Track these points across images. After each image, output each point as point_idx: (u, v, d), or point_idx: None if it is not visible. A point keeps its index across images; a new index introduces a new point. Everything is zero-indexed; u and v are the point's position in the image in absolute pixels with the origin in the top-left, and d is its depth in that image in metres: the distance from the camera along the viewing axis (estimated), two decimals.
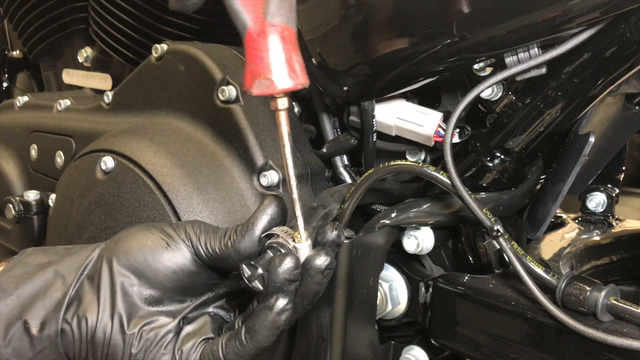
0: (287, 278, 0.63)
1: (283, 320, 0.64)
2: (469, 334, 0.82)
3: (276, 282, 0.63)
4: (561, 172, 0.87)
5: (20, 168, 1.39)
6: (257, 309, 0.65)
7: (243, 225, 0.68)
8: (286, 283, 0.63)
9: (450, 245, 0.96)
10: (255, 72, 0.60)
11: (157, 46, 1.04)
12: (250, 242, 0.67)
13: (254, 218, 0.68)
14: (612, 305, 0.69)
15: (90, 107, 1.22)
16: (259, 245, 0.67)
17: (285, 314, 0.64)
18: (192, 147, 0.97)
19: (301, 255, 0.65)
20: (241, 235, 0.67)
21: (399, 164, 0.79)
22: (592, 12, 0.66)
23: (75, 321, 0.67)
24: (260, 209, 0.68)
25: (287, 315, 0.64)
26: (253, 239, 0.67)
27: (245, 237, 0.67)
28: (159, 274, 0.68)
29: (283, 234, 0.66)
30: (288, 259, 0.63)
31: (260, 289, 0.64)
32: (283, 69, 0.60)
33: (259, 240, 0.67)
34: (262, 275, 0.63)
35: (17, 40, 1.60)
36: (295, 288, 0.64)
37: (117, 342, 0.67)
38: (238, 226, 0.69)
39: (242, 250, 0.67)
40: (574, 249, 0.91)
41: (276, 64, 0.60)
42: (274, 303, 0.63)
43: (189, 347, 0.67)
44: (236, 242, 0.67)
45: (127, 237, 0.71)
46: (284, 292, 0.63)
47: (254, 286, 0.63)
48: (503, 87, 0.81)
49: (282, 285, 0.63)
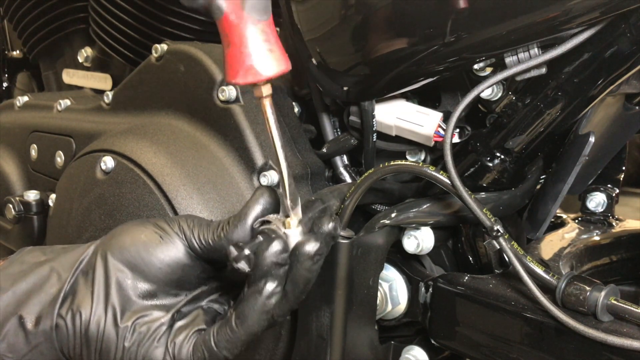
0: (274, 261, 0.63)
1: (272, 304, 0.64)
2: (469, 334, 0.82)
3: (263, 265, 0.63)
4: (561, 172, 0.87)
5: (20, 168, 1.39)
6: (246, 293, 0.65)
7: (235, 216, 0.69)
8: (274, 267, 0.63)
9: (450, 245, 0.96)
10: (238, 61, 0.61)
11: (157, 46, 1.04)
12: (243, 232, 0.67)
13: (246, 208, 0.68)
14: (612, 305, 0.69)
15: (90, 107, 1.22)
16: (251, 235, 0.67)
17: (274, 297, 0.64)
18: (192, 147, 0.97)
19: (291, 241, 0.65)
20: (234, 225, 0.68)
21: (399, 164, 0.79)
22: (592, 12, 0.66)
23: (69, 316, 0.67)
24: (252, 199, 0.69)
25: (276, 299, 0.64)
26: (245, 229, 0.67)
27: (237, 227, 0.67)
28: (152, 267, 0.69)
29: (275, 221, 0.67)
30: (275, 242, 0.63)
31: (246, 269, 0.64)
32: (266, 56, 0.61)
33: (251, 230, 0.67)
34: (248, 256, 0.63)
35: (17, 40, 1.60)
36: (284, 273, 0.65)
37: (110, 335, 0.67)
38: (230, 217, 0.69)
39: (235, 240, 0.67)
40: (574, 249, 0.91)
41: (258, 52, 0.61)
42: (262, 287, 0.64)
43: (181, 339, 0.67)
44: (229, 232, 0.68)
45: (121, 232, 0.71)
46: (272, 276, 0.64)
47: (240, 267, 0.64)
48: (503, 87, 0.81)
49: (270, 268, 0.63)
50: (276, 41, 0.62)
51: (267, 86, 0.64)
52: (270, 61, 0.61)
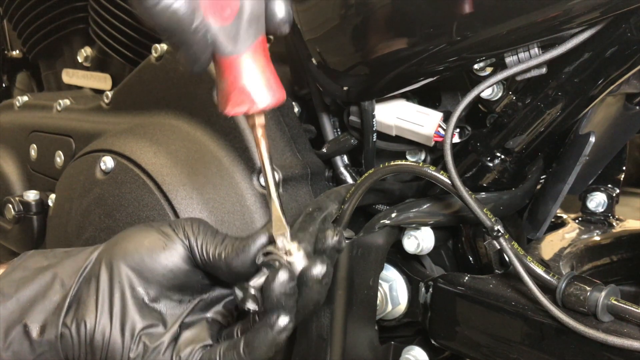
0: (283, 292, 0.61)
1: (283, 339, 0.63)
2: (469, 334, 0.82)
3: (272, 297, 0.61)
4: (561, 172, 0.87)
5: (19, 168, 1.39)
6: (257, 324, 0.63)
7: (239, 243, 0.67)
8: (283, 298, 0.62)
9: (451, 245, 0.95)
10: (230, 91, 0.59)
11: (157, 46, 1.04)
12: (242, 263, 0.66)
13: (251, 240, 0.67)
14: (612, 305, 0.69)
15: (90, 107, 1.22)
16: (252, 267, 0.66)
17: (285, 332, 0.62)
18: (192, 147, 0.96)
19: (296, 267, 0.63)
20: (235, 253, 0.67)
21: (399, 164, 0.79)
22: (592, 12, 0.66)
23: (74, 325, 0.67)
24: (259, 232, 0.68)
25: (287, 334, 0.63)
26: (245, 261, 0.66)
27: (238, 256, 0.67)
28: (156, 273, 0.68)
29: (276, 251, 0.65)
30: (281, 273, 0.61)
31: (255, 309, 0.62)
32: (260, 87, 0.59)
33: (252, 263, 0.66)
34: (254, 295, 0.62)
35: (17, 40, 1.60)
36: (294, 302, 0.63)
37: (115, 345, 0.66)
38: (235, 240, 0.68)
39: (233, 268, 0.67)
40: (574, 249, 0.91)
41: (252, 83, 0.59)
42: (274, 321, 0.62)
43: (186, 354, 0.67)
44: (228, 257, 0.67)
45: (124, 238, 0.71)
46: (283, 307, 0.62)
47: (249, 307, 0.62)
48: (503, 87, 0.81)
49: (280, 300, 0.62)
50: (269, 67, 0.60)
51: (261, 116, 0.62)
52: (265, 91, 0.59)
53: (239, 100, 0.59)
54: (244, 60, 0.59)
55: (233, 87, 0.59)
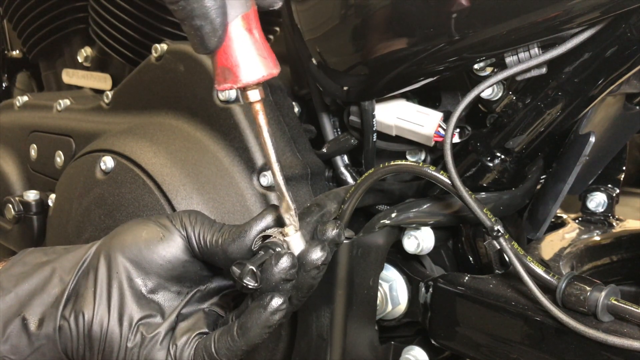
0: (282, 277, 0.63)
1: (276, 320, 0.64)
2: (469, 334, 0.82)
3: (272, 280, 0.63)
4: (561, 172, 0.87)
5: (20, 168, 1.39)
6: (251, 306, 0.65)
7: (236, 230, 0.68)
8: (282, 282, 0.63)
9: (451, 245, 0.95)
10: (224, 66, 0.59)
11: (157, 46, 1.04)
12: (239, 248, 0.67)
13: (248, 226, 0.68)
14: (612, 305, 0.69)
15: (90, 107, 1.22)
16: (248, 253, 0.67)
17: (279, 313, 0.63)
18: (192, 147, 0.96)
19: (293, 247, 0.64)
20: (231, 238, 0.67)
21: (399, 164, 0.79)
22: (592, 12, 0.66)
23: (72, 317, 0.67)
24: (256, 218, 0.68)
25: (280, 315, 0.64)
26: (242, 246, 0.67)
27: (235, 242, 0.67)
28: (154, 264, 0.69)
29: (275, 234, 0.66)
30: (284, 258, 0.63)
31: (253, 284, 0.62)
32: (253, 60, 0.59)
33: (248, 249, 0.67)
34: (251, 270, 0.62)
35: (17, 40, 1.60)
36: (291, 287, 0.64)
37: (113, 335, 0.67)
38: (232, 227, 0.69)
39: (229, 253, 0.67)
40: (575, 249, 0.91)
41: (244, 56, 0.59)
42: (268, 302, 0.63)
43: (183, 342, 0.67)
44: (224, 243, 0.67)
45: (122, 231, 0.71)
46: (279, 290, 0.63)
47: (246, 283, 0.62)
48: (503, 87, 0.81)
49: (278, 284, 0.63)
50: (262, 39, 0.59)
51: (256, 91, 0.62)
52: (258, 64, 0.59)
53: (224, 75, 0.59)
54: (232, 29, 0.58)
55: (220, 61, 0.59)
